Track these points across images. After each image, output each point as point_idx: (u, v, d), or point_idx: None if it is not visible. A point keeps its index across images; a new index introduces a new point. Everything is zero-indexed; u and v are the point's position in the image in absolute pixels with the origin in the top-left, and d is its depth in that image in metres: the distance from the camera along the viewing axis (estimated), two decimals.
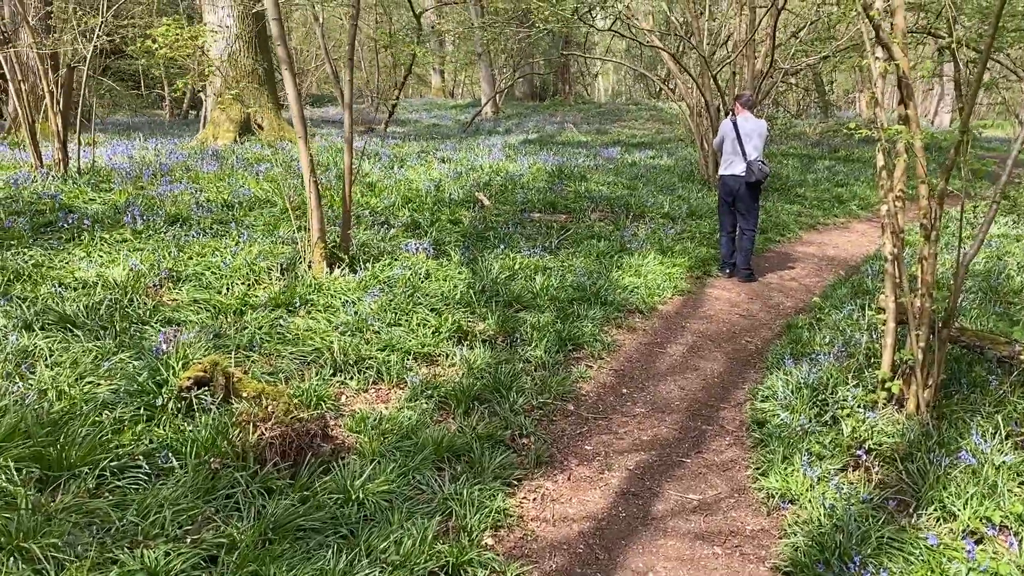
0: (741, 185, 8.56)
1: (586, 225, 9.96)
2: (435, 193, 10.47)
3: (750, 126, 8.58)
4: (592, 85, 58.06)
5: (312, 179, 6.80)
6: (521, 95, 40.23)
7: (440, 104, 39.43)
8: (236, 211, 8.75)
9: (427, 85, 50.08)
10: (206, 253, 7.14)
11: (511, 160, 13.64)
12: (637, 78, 49.64)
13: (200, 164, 10.86)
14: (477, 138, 18.92)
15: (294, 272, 6.95)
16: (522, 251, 8.57)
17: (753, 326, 7.48)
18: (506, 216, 9.88)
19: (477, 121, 27.49)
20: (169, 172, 10.21)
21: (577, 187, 11.58)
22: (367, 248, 7.81)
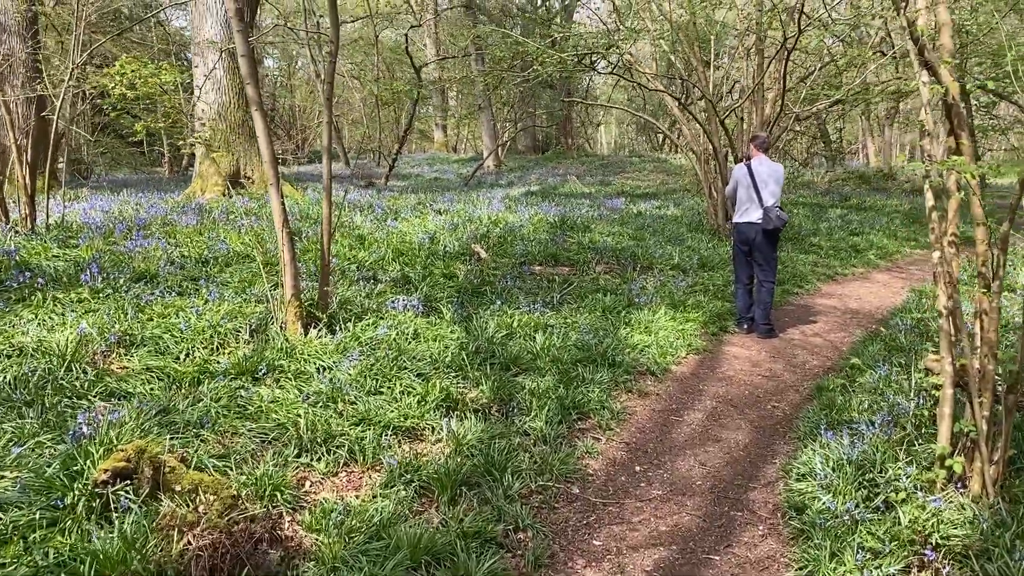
0: (758, 233, 7.97)
1: (590, 278, 9.26)
2: (429, 246, 9.81)
3: (766, 170, 7.98)
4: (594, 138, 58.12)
5: (285, 229, 6.13)
6: (523, 148, 40.04)
7: (442, 158, 39.21)
8: (211, 267, 8.07)
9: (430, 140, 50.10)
10: (169, 314, 6.43)
11: (511, 211, 13.02)
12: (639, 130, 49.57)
13: (181, 218, 10.24)
14: (479, 191, 18.38)
15: (265, 334, 6.23)
16: (521, 307, 7.86)
17: (778, 388, 6.71)
18: (504, 269, 9.20)
19: (479, 174, 27.10)
20: (146, 227, 9.58)
21: (580, 238, 10.92)
22: (350, 306, 7.10)
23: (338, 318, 6.63)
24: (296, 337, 6.17)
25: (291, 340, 6.12)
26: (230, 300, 6.84)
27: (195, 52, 14.39)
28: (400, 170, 32.19)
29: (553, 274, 9.17)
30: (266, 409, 5.00)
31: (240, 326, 6.26)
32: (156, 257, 8.06)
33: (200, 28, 14.12)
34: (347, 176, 27.54)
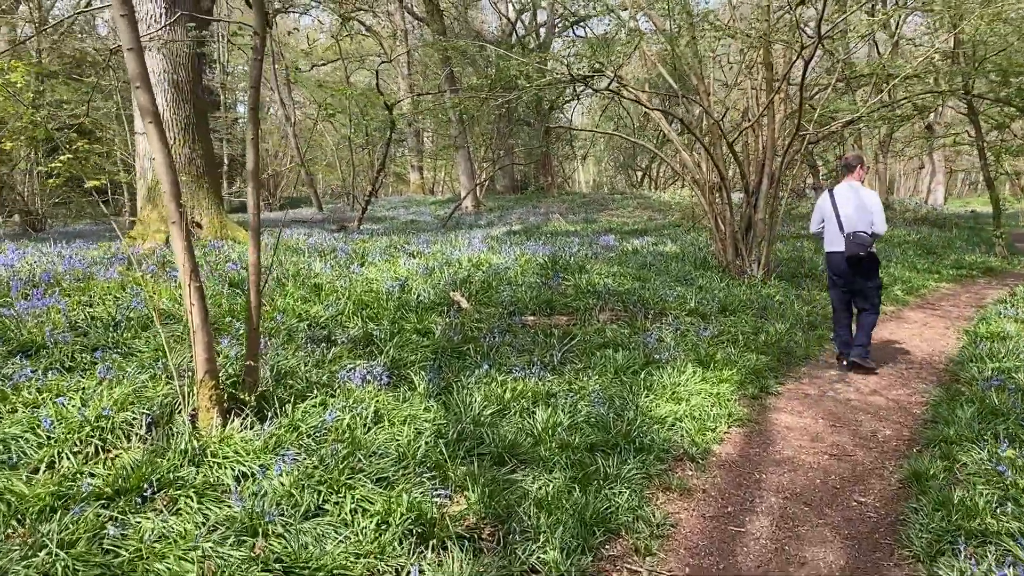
0: (843, 262, 7.44)
1: (595, 329, 7.67)
2: (399, 295, 8.19)
3: (850, 194, 7.40)
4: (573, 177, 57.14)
5: (192, 283, 4.49)
6: (502, 188, 38.76)
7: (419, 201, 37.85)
8: (122, 332, 6.39)
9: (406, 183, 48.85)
10: (43, 400, 4.76)
11: (494, 252, 11.45)
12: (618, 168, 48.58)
13: (103, 271, 8.55)
14: (457, 232, 16.83)
15: (169, 427, 4.57)
16: (514, 371, 6.23)
17: (855, 474, 5.10)
18: (491, 321, 7.59)
19: (457, 215, 25.69)
20: (55, 283, 7.89)
21: (577, 280, 9.35)
22: (292, 379, 5.46)
23: (272, 399, 4.97)
24: (211, 430, 4.51)
25: (203, 435, 4.46)
26: (132, 378, 5.16)
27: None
28: (375, 213, 30.77)
29: (550, 325, 7.57)
30: (147, 554, 3.33)
31: (136, 416, 4.59)
32: (53, 321, 6.37)
33: None
34: (319, 220, 26.02)
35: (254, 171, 4.81)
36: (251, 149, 4.78)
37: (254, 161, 4.80)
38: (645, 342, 7.20)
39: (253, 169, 4.81)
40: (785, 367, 7.49)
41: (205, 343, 4.56)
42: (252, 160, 4.80)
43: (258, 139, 4.80)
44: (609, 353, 6.85)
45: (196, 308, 4.53)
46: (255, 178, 4.81)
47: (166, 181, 4.45)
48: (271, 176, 42.21)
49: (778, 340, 7.97)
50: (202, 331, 4.55)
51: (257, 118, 4.82)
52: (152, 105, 4.39)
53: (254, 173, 4.81)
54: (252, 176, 4.81)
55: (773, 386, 6.82)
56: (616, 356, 6.76)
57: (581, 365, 6.61)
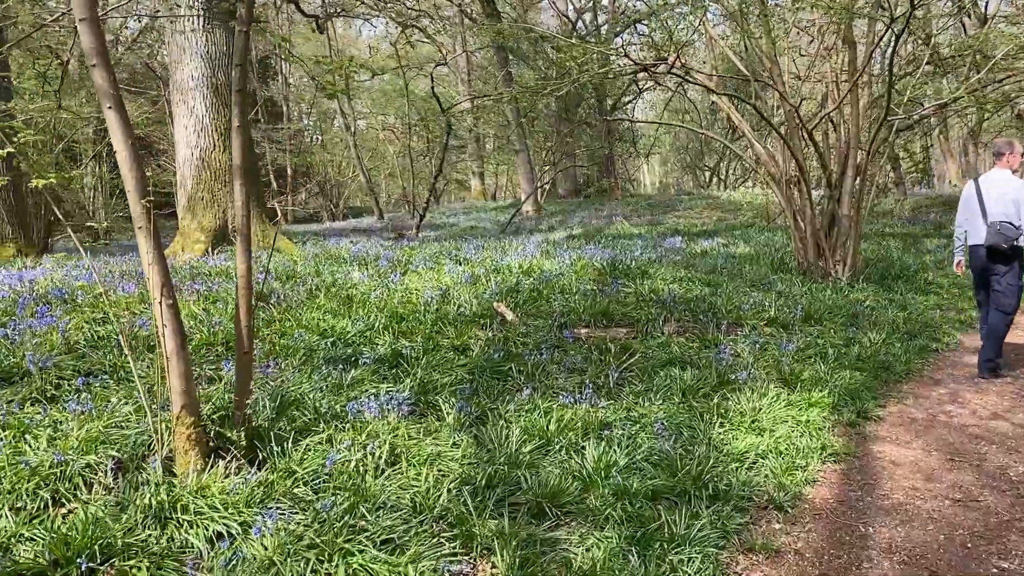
0: (983, 255, 6.73)
1: (658, 343, 6.69)
2: (438, 306, 7.36)
3: (995, 181, 6.72)
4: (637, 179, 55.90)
5: (165, 301, 3.73)
6: (564, 192, 37.90)
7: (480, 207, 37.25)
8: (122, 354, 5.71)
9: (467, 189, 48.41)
10: (4, 438, 4.07)
11: (549, 256, 10.55)
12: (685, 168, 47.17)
13: (123, 286, 7.95)
14: (515, 238, 15.99)
15: (142, 471, 3.81)
16: (562, 395, 5.32)
17: (988, 527, 4.04)
18: (538, 335, 6.70)
19: (517, 220, 24.89)
20: (69, 299, 7.31)
21: (638, 287, 8.37)
22: (299, 410, 4.67)
23: (268, 436, 4.18)
24: (188, 476, 3.73)
25: (179, 483, 3.69)
26: (113, 411, 4.44)
27: (174, 90, 12.37)
28: (434, 220, 30.24)
29: (606, 339, 6.63)
30: None
31: (103, 460, 3.85)
32: (49, 342, 5.73)
33: (178, 63, 12.11)
34: (378, 229, 25.57)
35: (240, 166, 4.03)
36: (236, 139, 4.00)
37: (240, 153, 4.02)
38: (717, 358, 6.20)
39: (239, 164, 4.03)
40: (884, 385, 6.39)
41: (181, 372, 3.79)
42: (237, 152, 4.02)
43: (247, 127, 4.02)
44: (675, 372, 5.88)
45: (169, 330, 3.76)
46: (241, 175, 4.03)
47: (130, 178, 3.69)
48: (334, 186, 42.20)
49: (874, 353, 6.88)
50: (177, 358, 3.78)
51: (244, 101, 4.05)
52: (112, 87, 3.64)
53: (240, 168, 4.03)
54: (238, 172, 4.03)
55: (872, 409, 5.75)
56: (683, 376, 5.78)
57: (642, 387, 5.66)
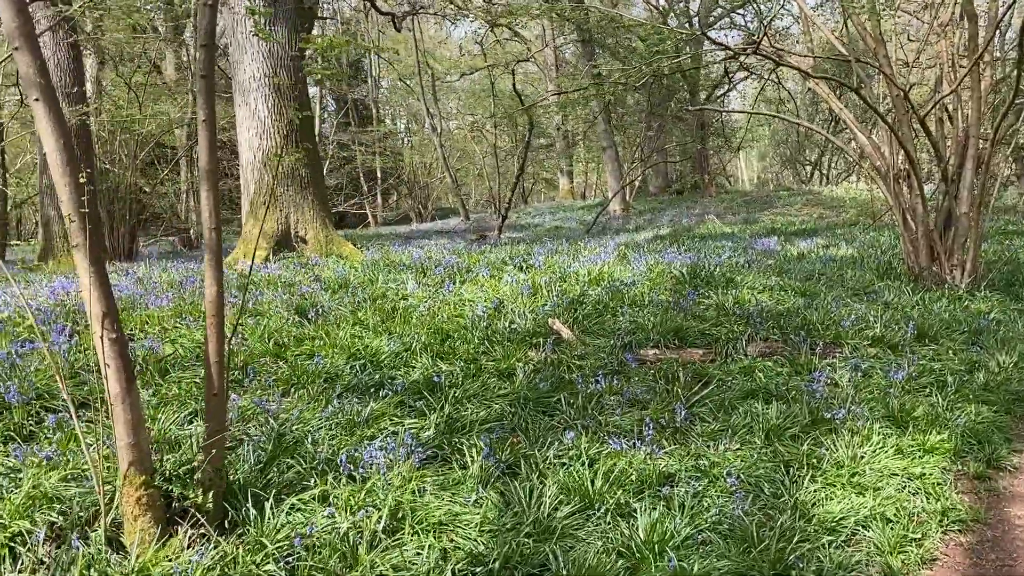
0: None
1: (739, 368, 5.70)
2: (488, 321, 6.56)
3: None
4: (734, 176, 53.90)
5: (107, 335, 3.05)
6: (655, 189, 36.60)
7: (567, 206, 36.39)
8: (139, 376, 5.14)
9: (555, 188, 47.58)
10: None
11: (624, 261, 9.60)
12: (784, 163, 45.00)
13: (155, 299, 7.45)
14: (599, 239, 15.07)
15: (86, 539, 3.15)
16: (615, 437, 4.42)
17: None
18: (597, 358, 5.81)
19: (604, 220, 23.96)
20: None
21: (720, 298, 7.35)
22: (294, 459, 3.94)
23: (246, 494, 3.46)
24: (140, 545, 3.04)
25: (129, 557, 3.00)
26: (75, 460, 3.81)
27: (236, 91, 12.00)
28: (520, 221, 29.58)
29: (677, 363, 5.68)
30: None
31: (43, 524, 3.21)
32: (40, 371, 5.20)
33: (239, 63, 11.72)
34: (462, 230, 25.10)
35: (206, 168, 3.31)
36: (202, 134, 3.29)
37: (207, 153, 3.31)
38: (810, 390, 5.16)
39: (205, 164, 3.31)
40: (1020, 423, 5.23)
41: (128, 421, 3.10)
42: (204, 151, 3.30)
43: (213, 122, 3.30)
44: (758, 407, 4.89)
45: (113, 369, 3.08)
46: (208, 178, 3.31)
47: (63, 184, 3.03)
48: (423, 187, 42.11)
49: (1004, 380, 5.68)
50: (123, 404, 3.10)
51: (211, 89, 3.33)
52: (40, 74, 2.98)
53: (207, 171, 3.31)
54: (204, 175, 3.32)
55: (1005, 457, 4.62)
56: (767, 412, 4.80)
57: (715, 426, 4.70)
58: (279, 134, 11.54)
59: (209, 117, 3.28)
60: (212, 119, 3.29)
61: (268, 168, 11.47)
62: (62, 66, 13.31)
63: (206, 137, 3.28)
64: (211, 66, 3.30)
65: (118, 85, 23.03)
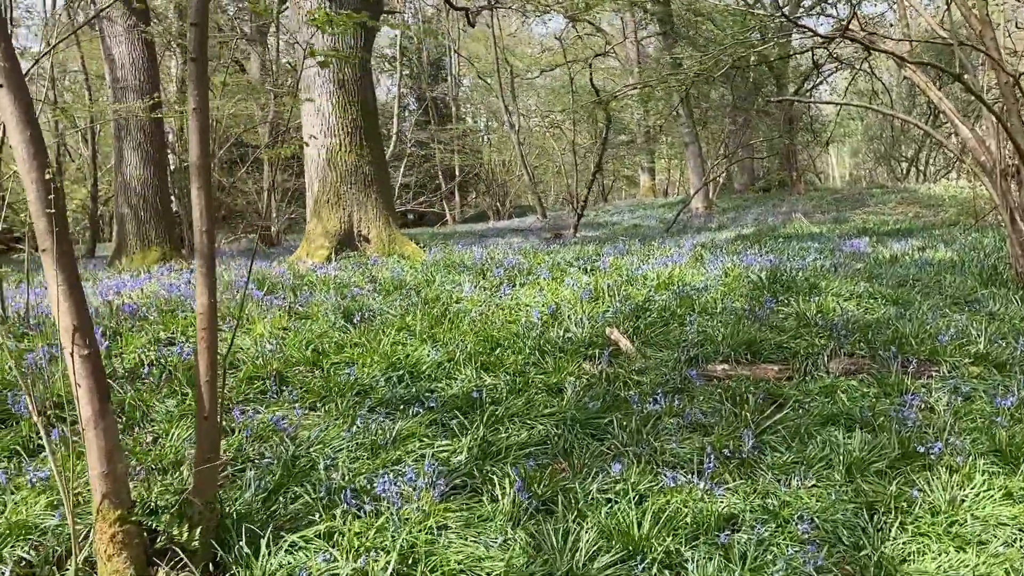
0: None
1: (819, 387, 5.06)
2: (542, 329, 6.08)
3: None
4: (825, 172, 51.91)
5: (79, 352, 2.71)
6: (740, 187, 35.39)
7: (648, 204, 35.59)
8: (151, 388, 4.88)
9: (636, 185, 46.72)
10: None
11: (699, 263, 8.97)
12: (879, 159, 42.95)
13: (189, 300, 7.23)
14: (681, 238, 14.40)
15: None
16: (665, 471, 3.88)
17: None
18: (658, 373, 5.26)
19: (685, 218, 23.19)
20: (143, 314, 6.65)
21: (801, 306, 6.68)
22: (303, 487, 3.55)
23: (239, 530, 3.07)
24: None
25: None
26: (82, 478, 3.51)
27: (302, 87, 11.84)
28: (597, 219, 28.97)
29: (748, 380, 5.08)
30: None
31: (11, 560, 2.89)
32: None
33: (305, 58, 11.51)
34: (537, 228, 24.71)
35: (197, 163, 2.93)
36: (194, 124, 2.91)
37: (198, 146, 2.93)
38: (901, 415, 4.50)
39: (195, 159, 2.94)
40: None
41: (101, 448, 2.75)
42: (195, 143, 2.93)
43: (206, 110, 2.92)
44: (838, 437, 4.26)
45: (84, 389, 2.74)
46: (200, 174, 2.94)
47: (30, 180, 2.69)
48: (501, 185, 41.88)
49: None
50: (95, 428, 2.75)
51: (203, 73, 2.95)
52: (5, 59, 2.65)
53: (198, 167, 2.93)
54: (195, 171, 2.94)
55: None
56: (849, 443, 4.17)
57: (788, 457, 4.10)
58: (343, 131, 11.30)
59: (201, 105, 2.90)
60: (205, 107, 2.91)
61: (331, 166, 11.24)
62: (136, 64, 13.44)
63: (197, 127, 2.90)
64: (203, 48, 2.93)
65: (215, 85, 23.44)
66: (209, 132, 2.93)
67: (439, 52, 41.69)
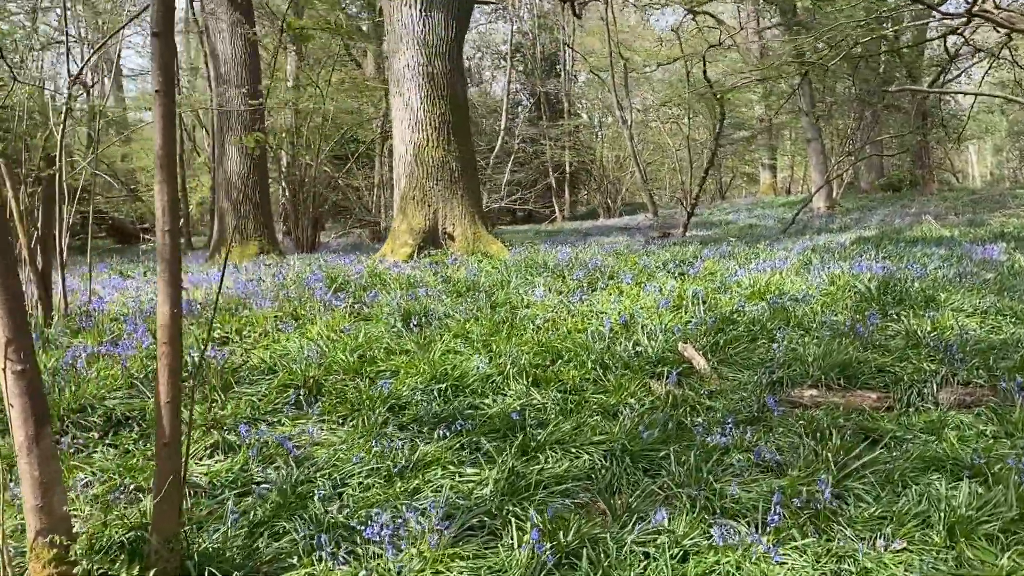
0: None
1: (924, 422, 4.29)
2: (609, 341, 5.51)
3: None
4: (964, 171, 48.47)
5: (11, 368, 2.39)
6: (867, 186, 33.38)
7: (767, 202, 34.09)
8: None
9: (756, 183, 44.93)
10: None
11: (803, 269, 8.15)
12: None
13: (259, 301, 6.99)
14: (797, 239, 13.44)
15: None
16: (719, 522, 3.27)
17: None
18: (732, 399, 4.61)
19: (805, 218, 21.95)
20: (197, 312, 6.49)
21: (913, 323, 5.83)
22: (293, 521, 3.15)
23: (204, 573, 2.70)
24: None
25: None
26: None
27: (391, 81, 11.62)
28: (711, 217, 27.92)
29: (839, 410, 4.37)
30: None
31: None
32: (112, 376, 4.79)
33: (396, 51, 11.31)
34: (645, 227, 24.00)
35: (160, 153, 2.56)
36: (157, 109, 2.54)
37: (162, 134, 2.56)
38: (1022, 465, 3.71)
39: (159, 148, 2.57)
40: None
41: (36, 480, 2.43)
42: (159, 132, 2.56)
43: (172, 94, 2.55)
44: (940, 487, 3.53)
45: (18, 410, 2.41)
46: (164, 166, 2.57)
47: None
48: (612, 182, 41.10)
49: None
50: (29, 455, 2.42)
51: (169, 52, 2.57)
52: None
53: (161, 157, 2.56)
54: (159, 162, 2.57)
55: None
56: (954, 495, 3.43)
57: (876, 509, 3.40)
58: (430, 126, 11.00)
59: (165, 87, 2.53)
60: (171, 90, 2.54)
61: (418, 162, 10.97)
62: (238, 60, 13.59)
63: (161, 112, 2.53)
64: (168, 24, 2.56)
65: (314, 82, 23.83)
66: (175, 118, 2.56)
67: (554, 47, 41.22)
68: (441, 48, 11.07)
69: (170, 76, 2.56)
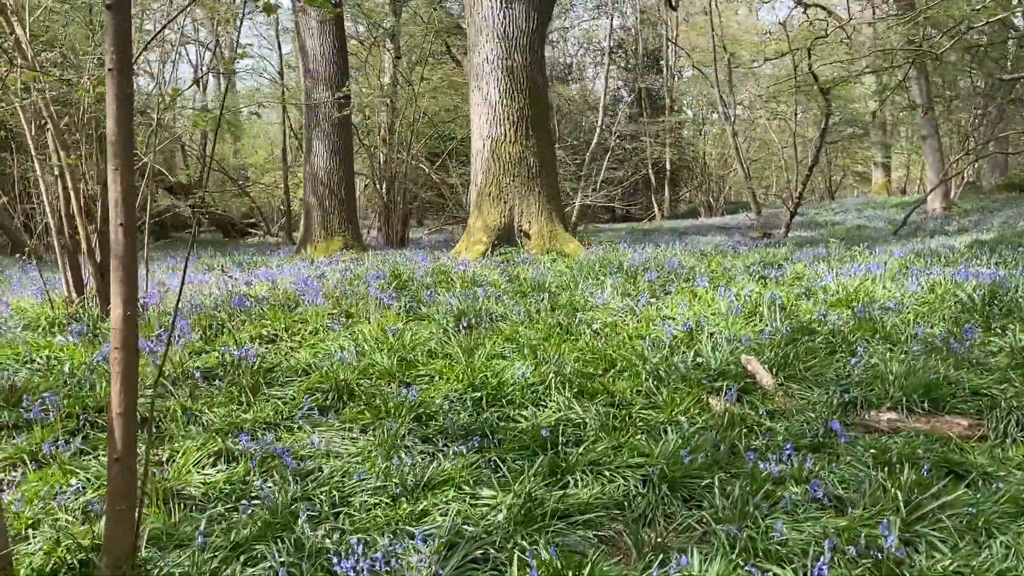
0: None
1: (1021, 458, 3.69)
2: (669, 350, 5.07)
3: None
4: None
5: None
6: (989, 186, 31.17)
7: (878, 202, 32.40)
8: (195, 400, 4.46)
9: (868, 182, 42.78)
10: None
11: (900, 275, 7.43)
12: None
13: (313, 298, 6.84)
14: (907, 242, 12.53)
15: None
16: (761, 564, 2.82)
17: None
18: (795, 421, 4.11)
19: (919, 220, 20.67)
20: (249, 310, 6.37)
21: (1021, 338, 5.14)
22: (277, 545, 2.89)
23: None
24: None
25: None
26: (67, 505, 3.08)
27: (471, 75, 11.39)
28: (818, 217, 26.71)
29: (916, 438, 3.82)
30: None
31: None
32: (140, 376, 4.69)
33: (475, 45, 11.06)
34: (746, 227, 23.18)
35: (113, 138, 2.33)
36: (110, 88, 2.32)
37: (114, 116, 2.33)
38: None
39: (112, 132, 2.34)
40: None
41: None
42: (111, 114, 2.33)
43: (129, 73, 2.32)
44: None
45: None
46: (119, 151, 2.34)
47: None
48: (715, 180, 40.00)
49: None
50: None
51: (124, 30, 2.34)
52: None
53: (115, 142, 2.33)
54: (112, 147, 2.34)
55: None
56: None
57: (951, 563, 2.88)
58: (508, 120, 10.72)
59: (120, 66, 2.30)
60: (127, 69, 2.31)
61: (495, 157, 10.69)
62: (327, 57, 13.64)
63: (116, 93, 2.30)
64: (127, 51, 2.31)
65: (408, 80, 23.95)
66: (133, 99, 2.33)
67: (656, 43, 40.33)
68: (521, 41, 10.76)
69: (127, 53, 2.33)
